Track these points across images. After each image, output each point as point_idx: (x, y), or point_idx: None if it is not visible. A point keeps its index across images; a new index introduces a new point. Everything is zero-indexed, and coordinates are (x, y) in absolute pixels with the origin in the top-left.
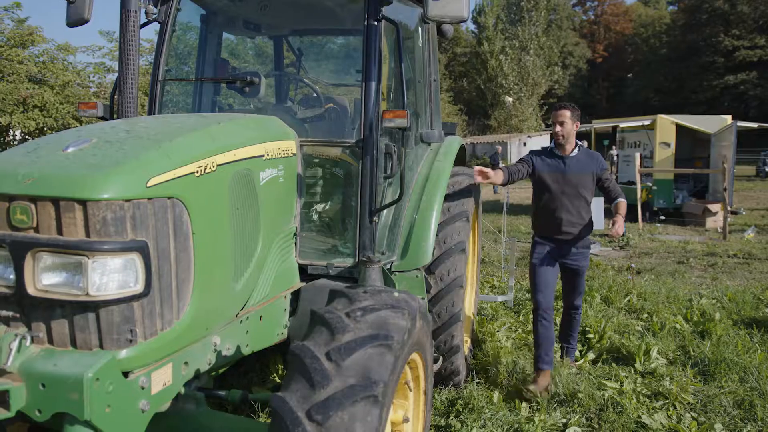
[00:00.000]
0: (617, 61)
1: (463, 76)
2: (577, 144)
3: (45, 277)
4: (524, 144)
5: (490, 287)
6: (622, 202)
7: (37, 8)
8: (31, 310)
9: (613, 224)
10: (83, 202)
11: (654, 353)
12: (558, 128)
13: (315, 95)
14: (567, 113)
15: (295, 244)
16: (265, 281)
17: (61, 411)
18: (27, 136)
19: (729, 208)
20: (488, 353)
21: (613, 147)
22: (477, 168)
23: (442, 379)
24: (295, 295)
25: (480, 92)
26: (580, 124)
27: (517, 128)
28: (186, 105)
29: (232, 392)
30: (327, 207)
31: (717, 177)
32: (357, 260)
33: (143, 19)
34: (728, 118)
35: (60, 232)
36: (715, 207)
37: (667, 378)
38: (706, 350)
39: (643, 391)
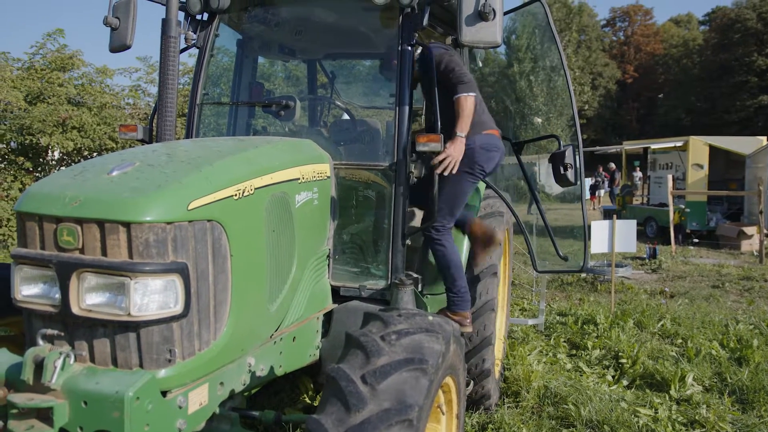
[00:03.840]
0: (648, 82)
1: (491, 98)
2: None
3: (89, 297)
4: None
5: (520, 310)
6: None
7: (78, 32)
8: (75, 329)
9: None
10: (127, 225)
11: (689, 380)
12: None
13: (348, 118)
14: None
15: (328, 265)
16: (299, 303)
17: (102, 429)
18: (65, 156)
19: (765, 231)
20: (519, 377)
21: (637, 169)
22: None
23: (473, 403)
24: (328, 317)
25: (508, 113)
26: (612, 144)
27: (546, 149)
28: (218, 127)
29: (265, 413)
30: (360, 229)
31: (752, 199)
32: (389, 282)
33: (182, 45)
34: (763, 139)
35: (104, 253)
36: (750, 230)
37: (704, 406)
38: (743, 377)
39: (679, 419)
